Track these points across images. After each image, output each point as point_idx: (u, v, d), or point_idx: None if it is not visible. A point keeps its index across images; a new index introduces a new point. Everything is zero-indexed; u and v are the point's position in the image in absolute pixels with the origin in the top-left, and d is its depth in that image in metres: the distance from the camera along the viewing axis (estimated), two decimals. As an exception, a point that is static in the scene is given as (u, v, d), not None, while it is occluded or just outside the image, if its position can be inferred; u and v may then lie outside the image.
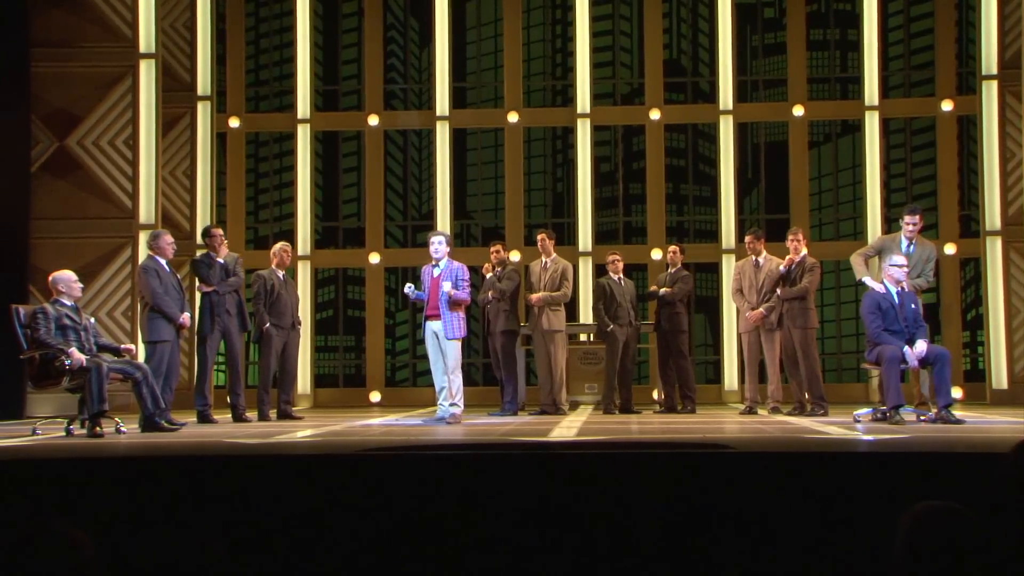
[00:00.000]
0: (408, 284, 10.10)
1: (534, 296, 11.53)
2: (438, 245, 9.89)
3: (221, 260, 10.77)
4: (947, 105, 15.61)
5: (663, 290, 11.97)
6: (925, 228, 11.12)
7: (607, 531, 4.83)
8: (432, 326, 9.79)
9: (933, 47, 15.86)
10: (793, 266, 11.00)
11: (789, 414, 10.81)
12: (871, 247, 10.41)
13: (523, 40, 16.33)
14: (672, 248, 12.33)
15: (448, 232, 10.20)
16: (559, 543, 4.82)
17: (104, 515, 4.89)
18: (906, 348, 8.92)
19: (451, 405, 9.66)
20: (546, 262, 11.65)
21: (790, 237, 11.11)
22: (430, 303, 9.82)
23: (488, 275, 11.90)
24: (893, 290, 9.19)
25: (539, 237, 11.80)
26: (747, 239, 11.61)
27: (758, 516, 4.85)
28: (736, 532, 4.81)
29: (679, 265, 12.18)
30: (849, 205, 16.02)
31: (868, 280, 9.46)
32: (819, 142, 16.19)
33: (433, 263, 9.93)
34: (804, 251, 11.07)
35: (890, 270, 9.25)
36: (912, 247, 9.98)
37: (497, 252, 11.86)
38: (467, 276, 9.96)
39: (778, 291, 11.13)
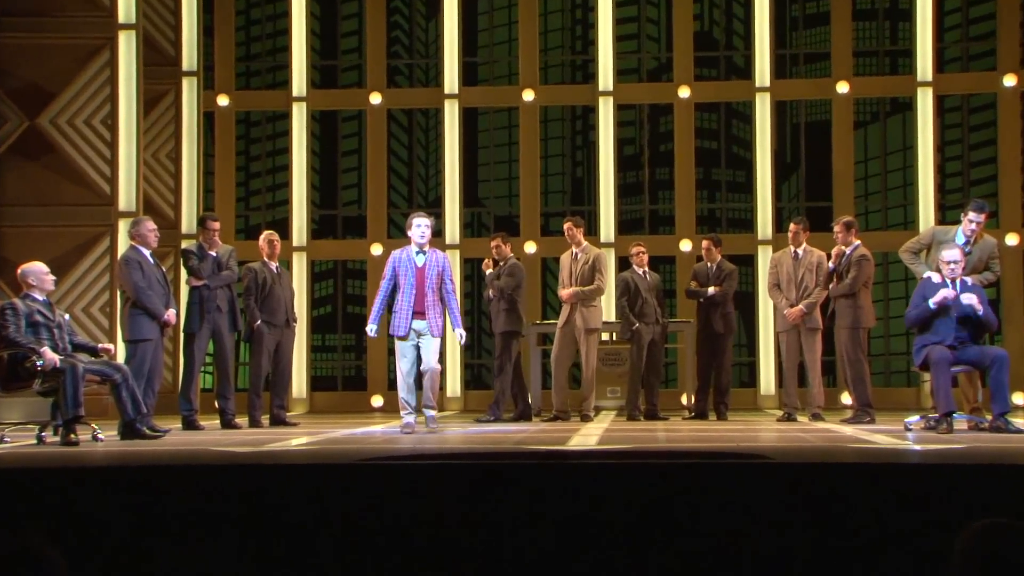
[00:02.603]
0: (370, 325, 9.65)
1: (565, 292, 11.51)
2: (424, 229, 9.50)
3: (214, 253, 10.77)
4: (1009, 80, 15.52)
5: (711, 289, 11.89)
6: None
7: (629, 548, 4.82)
8: (416, 326, 9.43)
9: (994, 15, 15.77)
10: (843, 259, 10.93)
11: (845, 422, 10.77)
12: (920, 239, 10.32)
13: (540, 11, 16.31)
14: (704, 243, 12.22)
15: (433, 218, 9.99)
16: (577, 560, 4.80)
17: (79, 531, 4.90)
18: (949, 293, 8.93)
19: (426, 407, 9.45)
20: (576, 252, 11.61)
21: (837, 228, 11.02)
22: (416, 298, 9.44)
23: (488, 271, 11.80)
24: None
25: (566, 225, 11.72)
26: (791, 228, 11.53)
27: (798, 533, 4.83)
28: (775, 550, 4.79)
29: (719, 259, 12.10)
30: (899, 192, 15.96)
31: (930, 273, 9.33)
32: (866, 122, 16.12)
33: (417, 249, 9.55)
34: (856, 242, 10.98)
35: (941, 267, 9.14)
36: (970, 248, 9.79)
37: (498, 247, 11.79)
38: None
39: (824, 288, 11.09)
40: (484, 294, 11.65)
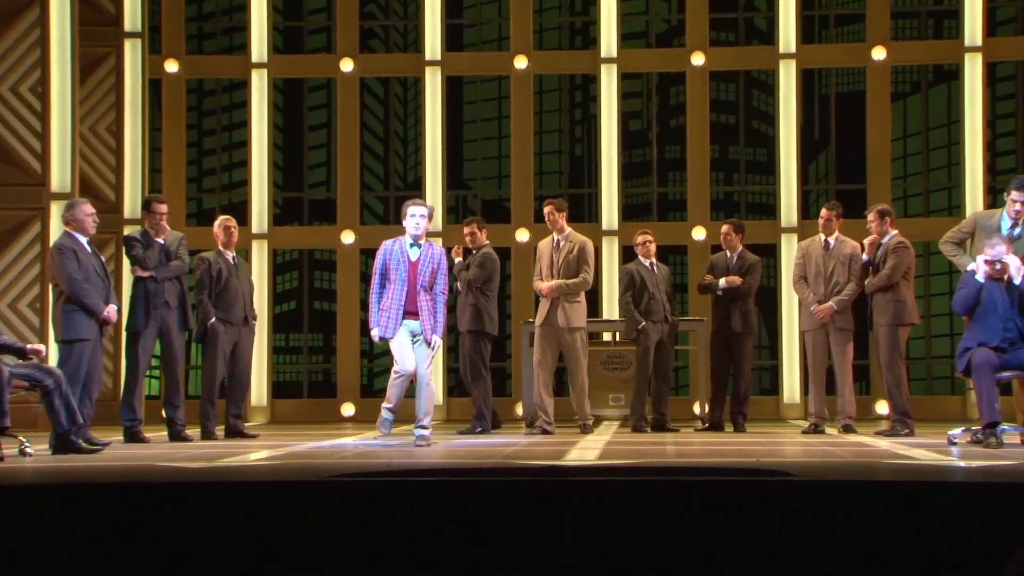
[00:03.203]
0: (374, 330, 9.58)
1: (544, 285, 11.40)
2: (420, 219, 9.56)
3: (161, 240, 10.75)
4: (1069, 45, 15.58)
5: (722, 281, 11.87)
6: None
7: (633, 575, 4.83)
8: (410, 326, 9.52)
9: (1052, -30, 15.82)
10: (879, 249, 10.94)
11: (880, 434, 10.78)
12: (962, 228, 10.32)
13: (534, -36, 16.33)
14: (724, 228, 12.19)
15: (433, 205, 9.97)
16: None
17: (5, 558, 4.88)
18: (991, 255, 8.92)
19: (418, 427, 9.48)
20: (558, 240, 11.50)
21: (871, 217, 11.02)
22: (408, 296, 9.51)
23: (457, 260, 11.78)
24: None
25: (546, 209, 11.60)
26: (823, 214, 11.50)
27: (826, 561, 4.83)
28: (798, 581, 4.81)
29: (740, 248, 12.07)
30: (942, 173, 15.99)
31: (974, 266, 9.31)
32: (905, 93, 16.14)
33: (410, 241, 9.60)
34: (894, 231, 10.99)
35: (985, 259, 9.06)
36: (1019, 230, 9.78)
37: (472, 234, 11.77)
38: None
39: (859, 285, 11.09)
40: (453, 286, 11.58)
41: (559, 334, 11.33)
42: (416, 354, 9.52)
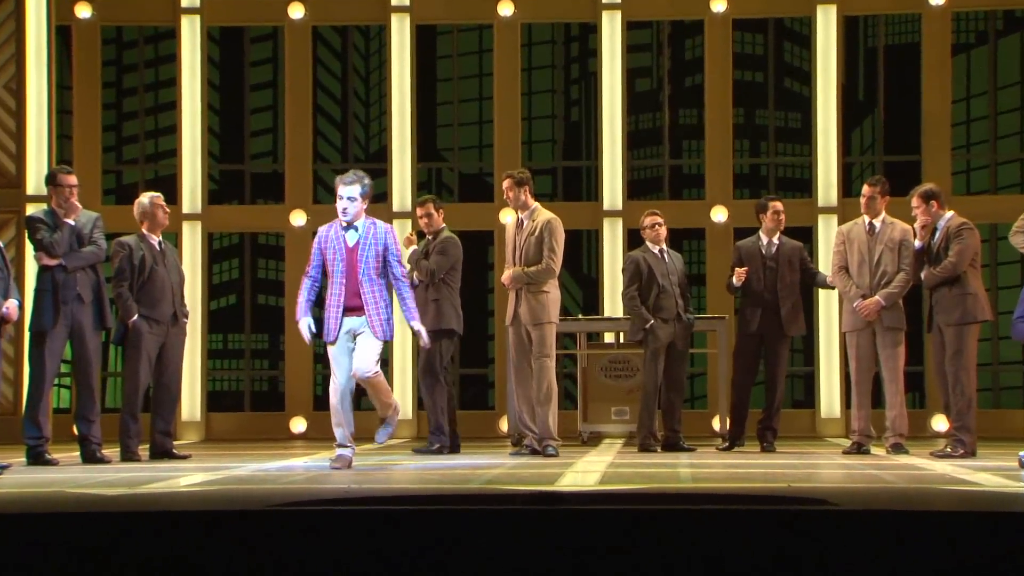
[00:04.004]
0: (302, 320, 9.69)
1: (504, 275, 11.47)
2: (348, 203, 9.60)
3: (72, 222, 10.74)
4: None
5: (734, 280, 11.89)
6: None
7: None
8: (350, 325, 9.60)
9: None
10: (935, 235, 10.93)
11: (936, 455, 10.80)
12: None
13: None
14: (775, 205, 12.13)
15: (368, 177, 9.89)
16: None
17: None
18: None
19: (382, 428, 9.71)
20: (522, 219, 11.54)
21: (914, 202, 11.02)
22: (347, 290, 9.57)
23: (412, 248, 11.82)
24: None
25: (504, 184, 11.62)
26: (865, 191, 11.53)
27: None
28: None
29: (782, 228, 12.06)
30: (1013, 141, 16.02)
31: None
32: (970, 44, 16.16)
33: (343, 224, 9.67)
34: (949, 213, 10.99)
35: None
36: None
37: (428, 216, 11.84)
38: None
39: (911, 275, 11.11)
40: (410, 279, 11.62)
41: (525, 332, 11.37)
42: (359, 350, 9.57)
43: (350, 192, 9.63)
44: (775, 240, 12.04)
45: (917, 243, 11.06)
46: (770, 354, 12.02)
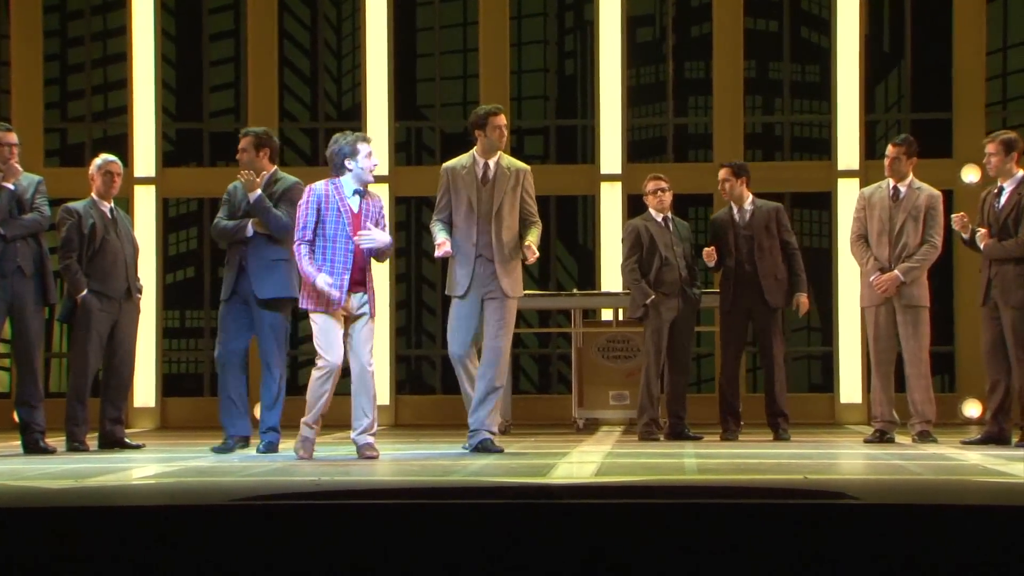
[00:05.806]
0: (320, 278, 9.39)
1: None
2: (376, 160, 9.78)
3: (11, 185, 10.69)
4: None
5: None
6: None
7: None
8: (356, 300, 9.59)
9: None
10: (1003, 196, 10.81)
11: (973, 443, 10.81)
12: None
13: None
14: (721, 173, 12.11)
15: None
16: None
17: None
18: None
19: (360, 434, 9.62)
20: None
21: (990, 149, 10.91)
22: (355, 260, 9.54)
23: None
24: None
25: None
26: (889, 152, 11.52)
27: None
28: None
29: (749, 197, 12.06)
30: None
31: None
32: (1006, -11, 16.16)
33: (354, 187, 9.59)
34: (1020, 172, 10.90)
35: None
36: None
37: None
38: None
39: (935, 246, 11.11)
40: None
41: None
42: (356, 338, 9.58)
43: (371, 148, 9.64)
44: (747, 206, 12.04)
45: (964, 236, 10.91)
46: (759, 331, 12.01)
